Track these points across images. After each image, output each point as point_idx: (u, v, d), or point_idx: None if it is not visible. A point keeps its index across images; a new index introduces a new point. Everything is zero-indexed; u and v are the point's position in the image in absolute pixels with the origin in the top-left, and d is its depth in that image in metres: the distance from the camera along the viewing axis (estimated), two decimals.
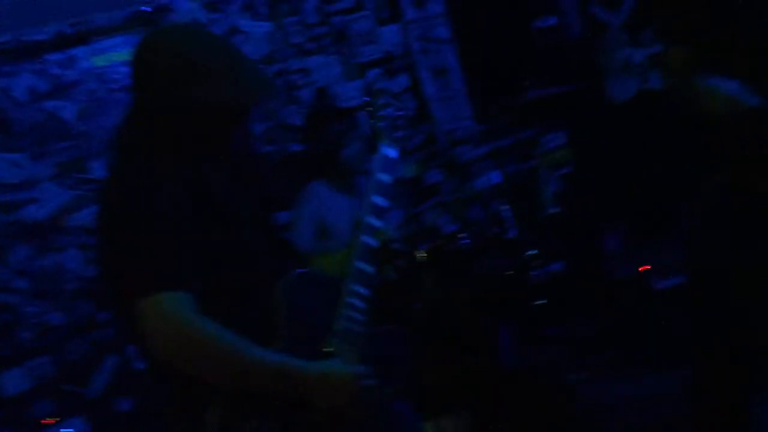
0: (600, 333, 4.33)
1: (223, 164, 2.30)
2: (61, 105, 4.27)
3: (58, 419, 4.40)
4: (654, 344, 4.11)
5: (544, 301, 3.89)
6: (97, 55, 4.33)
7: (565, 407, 3.70)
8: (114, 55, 4.37)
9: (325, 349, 2.23)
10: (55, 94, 4.25)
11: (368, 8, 5.22)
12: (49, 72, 4.29)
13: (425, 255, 3.78)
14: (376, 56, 5.25)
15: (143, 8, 4.46)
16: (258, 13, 4.92)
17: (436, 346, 3.59)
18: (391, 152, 2.55)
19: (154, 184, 2.08)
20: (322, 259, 3.68)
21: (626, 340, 4.30)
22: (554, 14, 5.46)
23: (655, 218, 4.83)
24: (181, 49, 2.13)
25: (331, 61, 5.10)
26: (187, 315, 1.98)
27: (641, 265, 4.39)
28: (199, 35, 2.22)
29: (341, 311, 2.30)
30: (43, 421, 4.38)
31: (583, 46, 5.38)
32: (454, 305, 3.72)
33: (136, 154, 2.15)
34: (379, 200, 2.47)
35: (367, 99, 2.68)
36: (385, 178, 2.51)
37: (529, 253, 3.99)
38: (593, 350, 4.26)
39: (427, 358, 3.53)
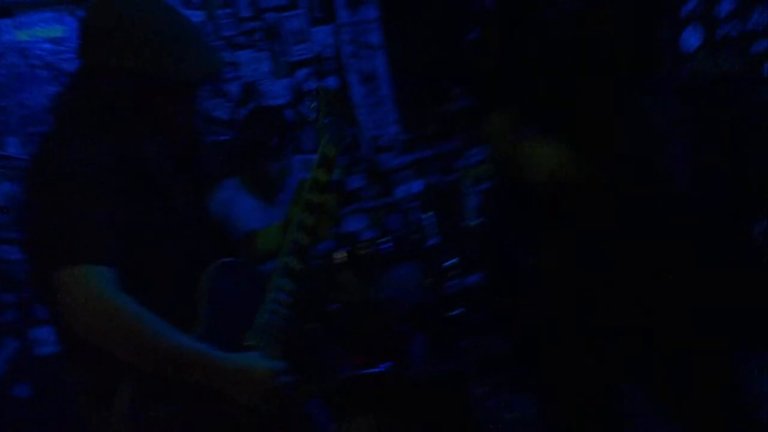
0: (511, 348, 4.37)
1: (164, 142, 2.25)
2: None
3: None
4: None
5: (460, 311, 3.91)
6: (22, 29, 4.20)
7: (465, 419, 3.72)
8: (39, 31, 4.24)
9: (245, 342, 2.20)
10: None
11: (302, 7, 5.19)
12: None
13: (345, 256, 3.77)
14: (307, 56, 5.22)
15: None
16: (191, 2, 4.85)
17: (351, 349, 3.58)
18: (331, 152, 2.54)
19: (86, 156, 2.03)
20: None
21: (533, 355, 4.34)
22: (480, 27, 5.51)
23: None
24: (131, 17, 2.08)
25: (261, 57, 5.06)
26: (108, 290, 1.93)
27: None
28: (153, 4, 2.16)
29: (265, 304, 2.28)
30: None
31: None
32: (368, 309, 3.71)
33: (72, 124, 2.10)
34: (314, 197, 2.45)
35: (315, 95, 2.66)
36: (322, 177, 2.50)
37: (448, 263, 4.01)
38: (503, 364, 4.29)
39: (343, 359, 3.51)
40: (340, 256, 3.77)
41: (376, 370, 3.21)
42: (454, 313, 3.93)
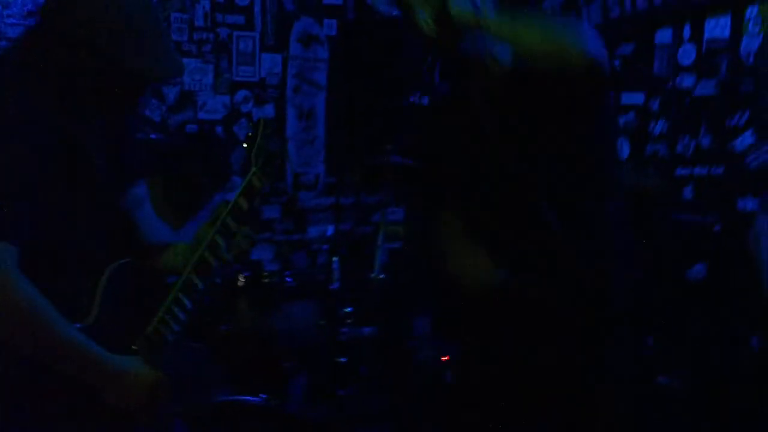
0: (388, 406, 4.37)
1: (99, 129, 2.21)
2: None
3: None
4: None
5: (344, 360, 3.91)
6: None
7: None
8: None
9: (132, 347, 2.19)
10: None
11: (257, 31, 5.20)
12: None
13: (244, 281, 3.74)
14: (251, 79, 5.22)
15: None
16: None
17: (231, 374, 3.53)
18: (257, 182, 2.54)
19: (16, 125, 1.98)
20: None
21: (411, 420, 4.35)
22: (428, 96, 5.61)
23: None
24: (107, 4, 2.04)
25: (205, 68, 5.03)
26: (6, 267, 1.90)
27: (444, 355, 4.47)
28: None
29: (159, 315, 2.27)
30: None
31: None
32: (257, 338, 3.67)
33: (10, 87, 2.04)
34: (231, 222, 2.45)
35: (255, 124, 2.66)
36: (244, 204, 2.50)
37: (345, 310, 4.01)
38: (375, 420, 4.28)
39: (220, 383, 3.46)
40: (241, 280, 3.73)
41: (250, 399, 3.17)
42: (340, 360, 3.92)
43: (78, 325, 2.06)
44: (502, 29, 2.05)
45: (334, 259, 4.17)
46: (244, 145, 2.57)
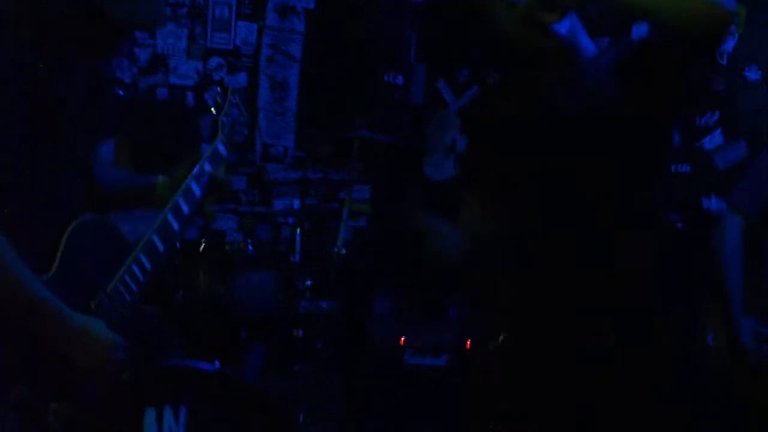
0: (344, 383, 4.37)
1: (77, 81, 2.18)
2: None
3: None
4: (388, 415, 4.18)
5: (301, 334, 3.89)
6: None
7: None
8: None
9: (91, 304, 2.18)
10: None
11: None
12: None
13: (206, 246, 3.70)
14: (225, 47, 5.17)
15: None
16: None
17: (184, 339, 3.51)
18: (222, 150, 2.56)
19: None
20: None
21: (365, 400, 4.36)
22: (403, 75, 5.60)
23: (428, 299, 4.96)
24: None
25: (179, 33, 4.98)
26: None
27: (403, 336, 4.47)
28: None
29: (120, 274, 2.25)
30: None
31: (417, 113, 5.54)
32: (213, 305, 3.65)
33: None
34: (196, 189, 2.46)
35: (219, 92, 2.67)
36: (207, 168, 2.51)
37: (305, 283, 4.00)
38: (330, 398, 4.28)
39: (174, 347, 3.43)
40: (202, 245, 3.70)
41: (204, 366, 3.14)
42: (297, 333, 3.91)
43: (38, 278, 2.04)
44: None
45: (297, 231, 4.15)
46: (213, 111, 2.59)
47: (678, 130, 4.41)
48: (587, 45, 2.08)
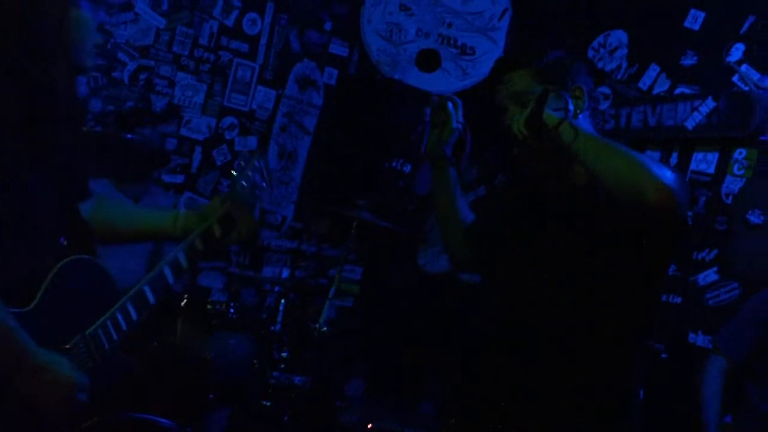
0: None
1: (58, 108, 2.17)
2: None
3: None
4: None
5: (268, 404, 3.83)
6: None
7: None
8: None
9: (66, 345, 2.12)
10: None
11: (257, 63, 5.20)
12: None
13: (187, 301, 3.67)
14: (241, 108, 5.21)
15: None
16: (160, 6, 4.82)
17: (154, 391, 3.44)
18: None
19: None
20: None
21: None
22: (411, 164, 5.62)
23: (402, 388, 4.90)
24: None
25: (198, 87, 5.02)
26: None
27: (371, 422, 4.40)
28: None
29: (104, 319, 2.20)
30: None
31: (421, 203, 5.54)
32: (185, 361, 3.59)
33: None
34: (199, 242, 2.41)
35: (244, 155, 2.64)
36: (217, 231, 2.47)
37: (280, 354, 3.95)
38: None
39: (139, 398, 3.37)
40: (184, 300, 3.67)
41: (162, 422, 3.08)
42: (265, 403, 3.84)
43: (14, 310, 1.99)
44: (588, 142, 2.10)
45: (282, 301, 4.12)
46: (233, 173, 2.54)
47: (676, 261, 4.42)
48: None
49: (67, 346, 2.12)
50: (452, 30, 5.31)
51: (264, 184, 2.65)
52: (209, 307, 3.74)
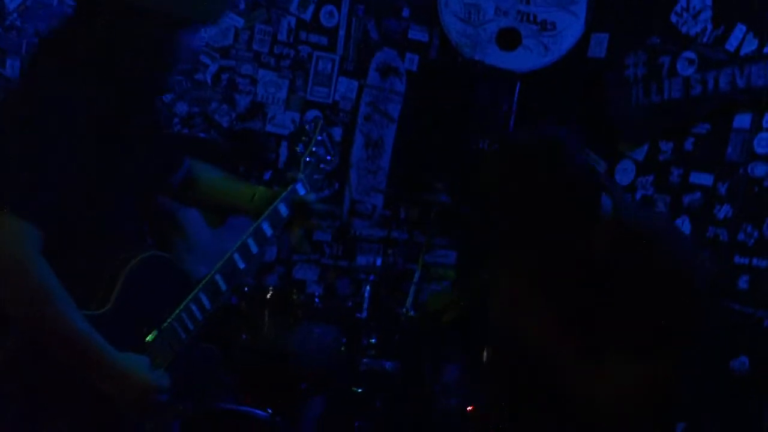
0: None
1: (139, 115, 2.23)
2: None
3: None
4: None
5: (360, 391, 3.86)
6: None
7: None
8: None
9: (145, 339, 2.18)
10: None
11: (338, 54, 5.24)
12: None
13: (272, 293, 3.72)
14: (324, 100, 5.25)
15: None
16: (238, 6, 4.90)
17: (242, 384, 3.52)
18: (301, 189, 2.53)
19: (58, 103, 1.98)
20: None
21: None
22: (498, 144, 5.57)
23: None
24: None
25: (280, 83, 5.08)
26: (27, 249, 1.91)
27: (469, 405, 4.39)
28: None
29: (178, 312, 2.25)
30: None
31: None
32: (273, 353, 3.65)
33: (53, 63, 2.05)
34: (267, 228, 2.44)
35: (307, 127, 2.63)
36: (283, 210, 2.49)
37: (369, 340, 3.97)
38: None
39: (229, 391, 3.45)
40: (269, 291, 3.73)
41: (255, 412, 3.14)
42: (357, 389, 3.87)
43: (92, 313, 2.05)
44: None
45: (366, 288, 4.14)
46: (296, 148, 2.55)
47: None
48: None
49: (147, 339, 2.18)
50: (531, 6, 5.23)
51: (329, 157, 2.65)
52: (294, 297, 3.79)
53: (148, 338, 2.19)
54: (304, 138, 2.63)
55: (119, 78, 2.11)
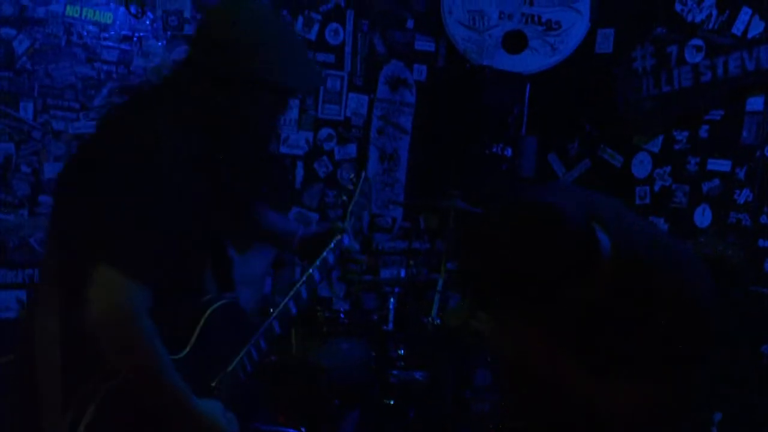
0: None
1: (237, 156, 2.30)
2: (14, 34, 4.17)
3: None
4: None
5: (392, 402, 3.87)
6: (74, 4, 4.26)
7: None
8: (89, 12, 4.30)
9: (212, 383, 2.26)
10: (13, 22, 4.15)
11: (345, 71, 5.27)
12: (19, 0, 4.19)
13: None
14: (335, 118, 5.28)
15: None
16: None
17: (276, 404, 3.53)
18: (347, 240, 2.62)
19: (173, 156, 2.04)
20: None
21: None
22: (512, 148, 5.57)
23: None
24: (247, 22, 2.13)
25: (291, 103, 5.11)
26: (138, 311, 1.97)
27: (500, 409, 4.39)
28: (266, 13, 2.24)
29: (240, 356, 2.34)
30: None
31: (526, 186, 5.48)
32: (304, 370, 3.67)
33: (162, 120, 2.10)
34: (317, 275, 2.57)
35: (353, 181, 2.73)
36: (331, 259, 2.60)
37: (397, 351, 3.98)
38: None
39: (264, 412, 3.46)
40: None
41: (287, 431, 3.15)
42: (389, 402, 3.88)
43: (172, 357, 2.11)
44: None
45: (391, 300, 4.15)
46: (344, 198, 2.66)
47: None
48: None
49: (212, 385, 2.26)
50: (534, 7, 5.25)
51: (365, 203, 2.77)
52: (319, 314, 3.81)
53: (213, 383, 2.27)
54: (350, 188, 2.73)
55: (240, 136, 2.22)
